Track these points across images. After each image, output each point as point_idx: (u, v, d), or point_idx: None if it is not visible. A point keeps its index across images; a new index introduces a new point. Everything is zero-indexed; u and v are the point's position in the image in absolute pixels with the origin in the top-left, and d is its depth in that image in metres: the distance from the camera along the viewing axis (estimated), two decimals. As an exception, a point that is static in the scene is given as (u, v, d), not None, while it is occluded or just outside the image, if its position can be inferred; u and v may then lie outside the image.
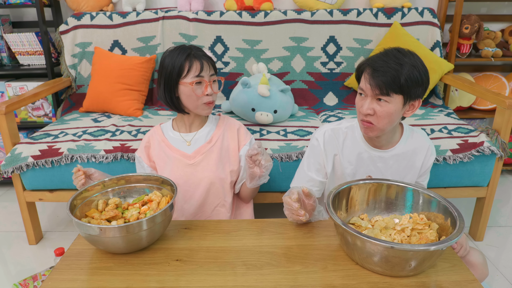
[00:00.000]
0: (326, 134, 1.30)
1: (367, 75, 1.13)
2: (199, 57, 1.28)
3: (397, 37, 2.22)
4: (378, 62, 1.11)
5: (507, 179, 2.59)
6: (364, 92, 1.15)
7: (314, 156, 1.32)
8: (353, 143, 1.28)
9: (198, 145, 1.37)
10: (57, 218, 2.19)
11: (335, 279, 0.90)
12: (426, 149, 1.29)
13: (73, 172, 1.20)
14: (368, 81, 1.12)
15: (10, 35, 2.35)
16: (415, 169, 1.30)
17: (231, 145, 1.40)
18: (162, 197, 1.11)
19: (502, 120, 1.73)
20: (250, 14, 2.32)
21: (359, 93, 1.18)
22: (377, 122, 1.14)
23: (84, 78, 2.35)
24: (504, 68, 2.68)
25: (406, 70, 1.09)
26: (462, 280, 0.90)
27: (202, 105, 1.31)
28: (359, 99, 1.18)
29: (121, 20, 2.33)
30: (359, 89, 1.17)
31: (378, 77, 1.10)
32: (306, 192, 1.05)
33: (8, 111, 1.74)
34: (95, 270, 0.94)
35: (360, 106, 1.16)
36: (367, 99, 1.14)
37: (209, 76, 1.30)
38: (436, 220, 1.01)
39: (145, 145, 1.41)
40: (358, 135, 1.28)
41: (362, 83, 1.15)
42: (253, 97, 1.90)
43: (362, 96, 1.16)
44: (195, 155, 1.36)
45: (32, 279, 1.45)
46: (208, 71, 1.29)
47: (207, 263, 0.96)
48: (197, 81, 1.27)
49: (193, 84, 1.27)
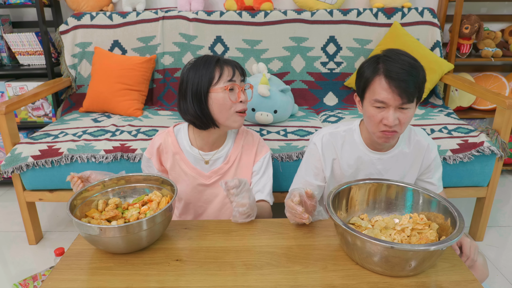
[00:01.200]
0: (324, 138, 1.28)
1: (385, 85, 1.08)
2: (229, 63, 1.22)
3: (397, 37, 2.22)
4: (394, 70, 1.08)
5: (507, 179, 2.59)
6: (385, 104, 1.10)
7: (312, 161, 1.31)
8: (352, 147, 1.27)
9: (216, 165, 1.31)
10: (57, 218, 2.19)
11: (335, 279, 0.90)
12: (425, 147, 1.28)
13: (68, 180, 1.14)
14: (390, 91, 1.08)
15: (10, 35, 2.35)
16: (415, 168, 1.30)
17: (246, 161, 1.34)
18: (162, 197, 1.11)
19: (502, 120, 1.73)
20: (250, 14, 2.32)
21: (375, 106, 1.12)
22: (400, 129, 1.13)
23: (84, 78, 2.35)
24: (504, 68, 2.68)
25: (421, 73, 1.10)
26: (462, 280, 0.89)
27: (235, 115, 1.22)
28: (377, 111, 1.12)
29: (121, 20, 2.33)
30: (376, 101, 1.11)
31: (401, 87, 1.07)
32: (309, 194, 1.03)
33: (8, 111, 1.74)
34: (95, 270, 0.94)
35: (381, 119, 1.11)
36: (389, 110, 1.10)
37: (240, 82, 1.23)
38: (436, 220, 1.01)
39: (157, 149, 1.31)
40: (357, 139, 1.27)
41: (379, 94, 1.10)
42: (253, 97, 1.90)
43: (380, 108, 1.11)
44: (212, 175, 1.31)
45: (32, 279, 1.45)
46: (239, 77, 1.23)
47: (207, 263, 0.96)
48: (230, 86, 1.20)
49: (228, 89, 1.19)
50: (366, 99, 1.15)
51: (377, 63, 1.12)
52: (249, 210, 1.10)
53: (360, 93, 1.18)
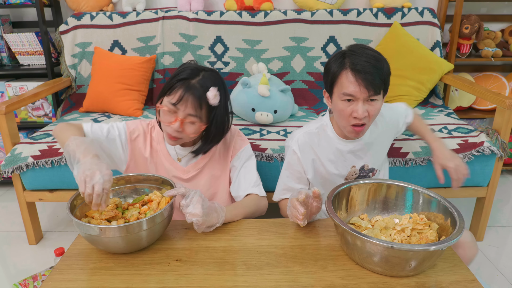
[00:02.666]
0: (299, 141, 1.29)
1: (352, 78, 1.11)
2: (188, 88, 1.09)
3: (397, 37, 2.22)
4: (359, 64, 1.10)
5: (507, 179, 2.59)
6: (353, 97, 1.12)
7: (292, 166, 1.31)
8: (328, 142, 1.29)
9: (193, 160, 1.27)
10: (57, 218, 2.19)
11: (335, 279, 0.90)
12: (395, 121, 1.38)
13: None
14: (357, 84, 1.10)
15: (10, 35, 2.35)
16: (390, 139, 1.41)
17: (223, 156, 1.29)
18: (162, 197, 1.11)
19: (502, 120, 1.73)
20: (250, 14, 2.32)
21: (344, 99, 1.14)
22: (369, 121, 1.17)
23: (84, 78, 2.35)
24: (504, 68, 2.68)
25: (385, 65, 1.13)
26: (462, 280, 0.89)
27: (167, 134, 1.15)
28: (346, 105, 1.14)
29: (121, 20, 2.33)
30: (344, 94, 1.13)
31: (367, 79, 1.10)
32: (316, 194, 1.02)
33: (8, 111, 1.74)
34: (95, 270, 0.94)
35: (351, 112, 1.14)
36: (358, 103, 1.13)
37: (186, 114, 1.11)
38: (436, 220, 1.01)
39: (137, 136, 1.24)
40: (330, 133, 1.29)
41: (347, 87, 1.12)
42: (253, 97, 1.90)
43: (349, 101, 1.14)
44: (190, 169, 1.27)
45: (32, 279, 1.45)
46: (187, 109, 1.10)
47: (207, 263, 0.96)
48: (167, 109, 1.11)
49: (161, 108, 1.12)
50: (334, 94, 1.18)
51: (343, 58, 1.15)
52: (203, 220, 1.01)
53: (329, 88, 1.20)
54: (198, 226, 1.03)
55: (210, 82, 1.12)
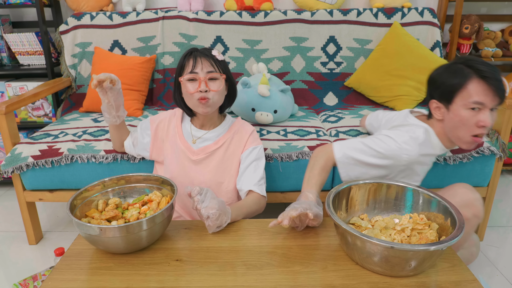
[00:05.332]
0: (419, 139, 1.24)
1: (484, 85, 1.09)
2: (195, 55, 1.29)
3: (397, 37, 2.22)
4: (487, 70, 1.08)
5: (507, 179, 2.59)
6: (483, 105, 1.10)
7: (396, 157, 1.26)
8: (432, 147, 1.28)
9: (205, 144, 1.38)
10: (57, 218, 2.19)
11: (335, 279, 0.90)
12: None
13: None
14: (487, 92, 1.08)
15: (10, 35, 2.35)
16: None
17: (235, 147, 1.38)
18: (162, 197, 1.11)
19: (502, 120, 1.74)
20: (250, 14, 2.32)
21: (470, 108, 1.12)
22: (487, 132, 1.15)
23: (84, 78, 2.35)
24: (504, 68, 2.68)
25: None
26: (462, 280, 0.90)
27: (197, 102, 1.29)
28: (472, 114, 1.12)
29: (121, 20, 2.33)
30: (474, 103, 1.11)
31: (497, 86, 1.08)
32: (310, 217, 1.01)
33: (8, 111, 1.74)
34: (95, 270, 0.94)
35: (477, 121, 1.12)
36: (486, 112, 1.10)
37: (205, 73, 1.28)
38: (436, 220, 1.01)
39: (161, 121, 1.43)
40: (434, 139, 1.28)
41: (477, 95, 1.10)
42: (253, 97, 1.90)
43: (475, 110, 1.11)
44: (199, 152, 1.36)
45: (32, 279, 1.45)
46: (204, 68, 1.28)
47: (207, 263, 0.96)
48: (190, 78, 1.29)
49: (186, 81, 1.29)
50: (456, 103, 1.15)
51: (463, 68, 1.13)
52: (219, 212, 1.04)
53: (446, 99, 1.17)
54: (212, 222, 1.03)
55: (203, 48, 1.34)
